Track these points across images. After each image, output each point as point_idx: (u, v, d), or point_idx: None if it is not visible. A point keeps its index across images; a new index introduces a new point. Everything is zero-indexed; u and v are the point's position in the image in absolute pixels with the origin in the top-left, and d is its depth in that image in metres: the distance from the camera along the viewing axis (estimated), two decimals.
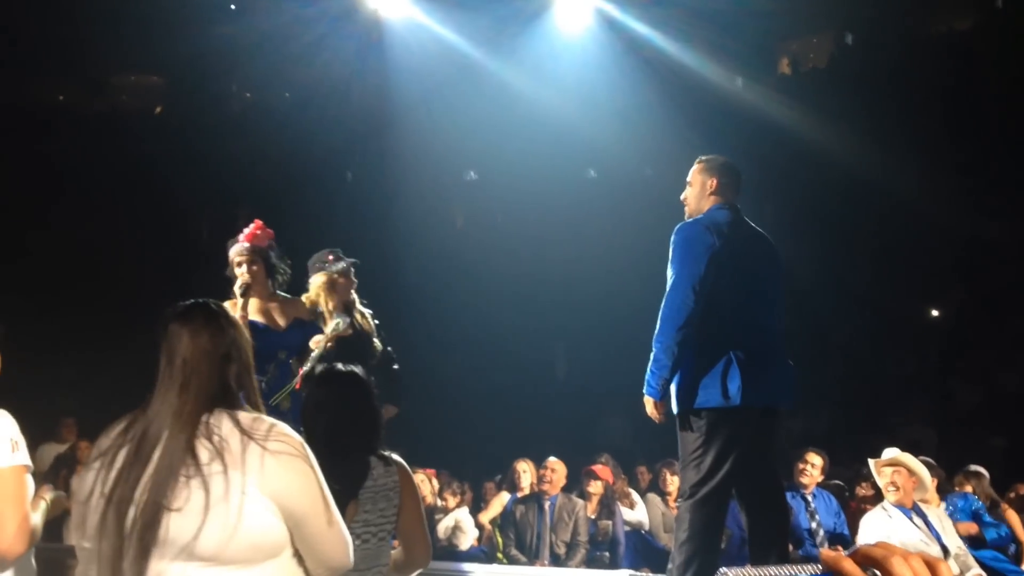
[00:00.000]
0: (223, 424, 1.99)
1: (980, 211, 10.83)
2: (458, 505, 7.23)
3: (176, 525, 1.90)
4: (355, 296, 4.73)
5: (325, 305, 4.52)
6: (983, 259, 11.68)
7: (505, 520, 6.82)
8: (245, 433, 1.97)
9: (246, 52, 12.47)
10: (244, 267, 4.32)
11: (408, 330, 10.25)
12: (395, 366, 4.82)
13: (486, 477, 8.22)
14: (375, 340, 4.70)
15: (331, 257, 4.69)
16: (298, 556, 2.04)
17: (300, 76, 13.59)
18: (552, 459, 6.72)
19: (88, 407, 7.91)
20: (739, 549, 5.41)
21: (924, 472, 5.22)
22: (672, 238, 3.85)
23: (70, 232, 12.20)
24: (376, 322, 4.78)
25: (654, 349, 3.80)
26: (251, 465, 1.93)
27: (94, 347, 10.59)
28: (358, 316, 4.67)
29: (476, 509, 7.41)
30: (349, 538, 2.12)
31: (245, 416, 2.02)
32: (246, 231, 4.40)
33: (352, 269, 4.70)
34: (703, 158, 4.15)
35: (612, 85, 11.58)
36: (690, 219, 3.99)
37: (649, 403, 3.83)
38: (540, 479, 6.67)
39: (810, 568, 0.81)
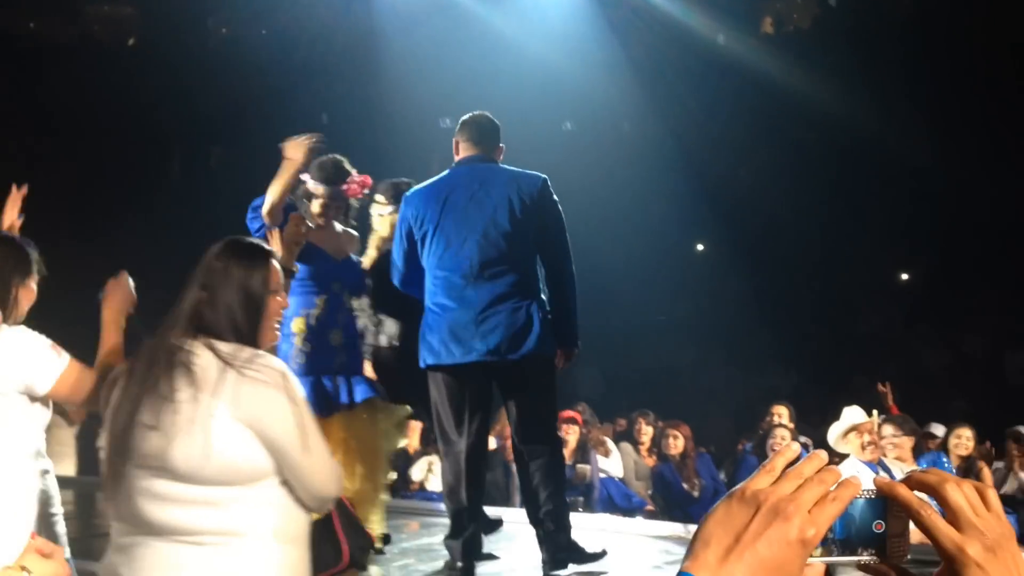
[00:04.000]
0: (204, 352, 2.03)
1: (956, 178, 10.90)
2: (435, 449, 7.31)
3: (151, 442, 1.98)
4: None
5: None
6: (956, 225, 11.80)
7: None
8: (224, 360, 2.01)
9: None
10: (325, 211, 4.16)
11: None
12: None
13: None
14: None
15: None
16: (288, 484, 2.07)
17: (280, 16, 13.36)
18: None
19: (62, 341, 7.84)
20: (711, 501, 5.50)
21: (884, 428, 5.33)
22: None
23: (36, 162, 11.99)
24: None
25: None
26: (225, 391, 1.98)
27: (61, 280, 10.47)
28: None
29: None
30: (334, 468, 2.15)
31: (226, 345, 2.06)
32: (354, 181, 4.22)
33: None
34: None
35: (597, 38, 11.49)
36: None
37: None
38: None
39: (866, 493, 0.83)
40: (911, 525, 0.84)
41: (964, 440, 6.51)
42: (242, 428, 1.98)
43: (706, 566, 0.78)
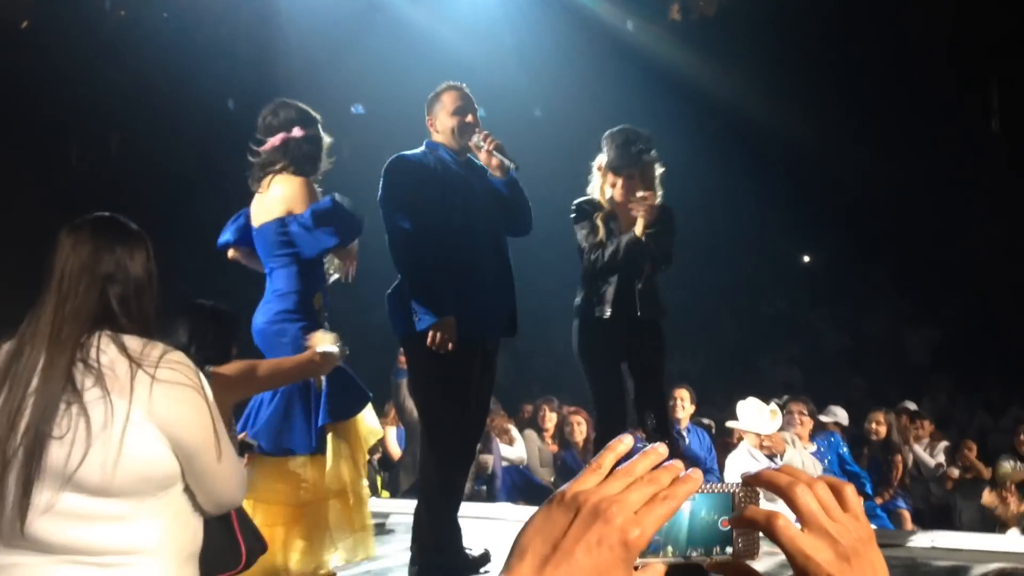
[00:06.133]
0: (108, 348, 1.86)
1: (862, 161, 11.22)
2: None
3: (58, 453, 1.79)
4: None
5: None
6: (858, 208, 12.17)
7: (385, 454, 6.86)
8: (133, 360, 1.84)
9: None
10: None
11: None
12: None
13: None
14: None
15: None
16: (189, 491, 1.94)
17: None
18: None
19: None
20: None
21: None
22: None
23: None
24: None
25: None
26: (138, 393, 1.82)
27: None
28: None
29: None
30: (242, 473, 2.06)
31: (134, 340, 1.89)
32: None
33: None
34: None
35: (508, 25, 11.48)
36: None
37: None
38: None
39: (710, 488, 0.78)
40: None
41: (877, 425, 6.76)
42: (156, 433, 1.83)
43: None
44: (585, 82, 11.70)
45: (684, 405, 6.60)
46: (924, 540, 4.87)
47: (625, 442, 0.79)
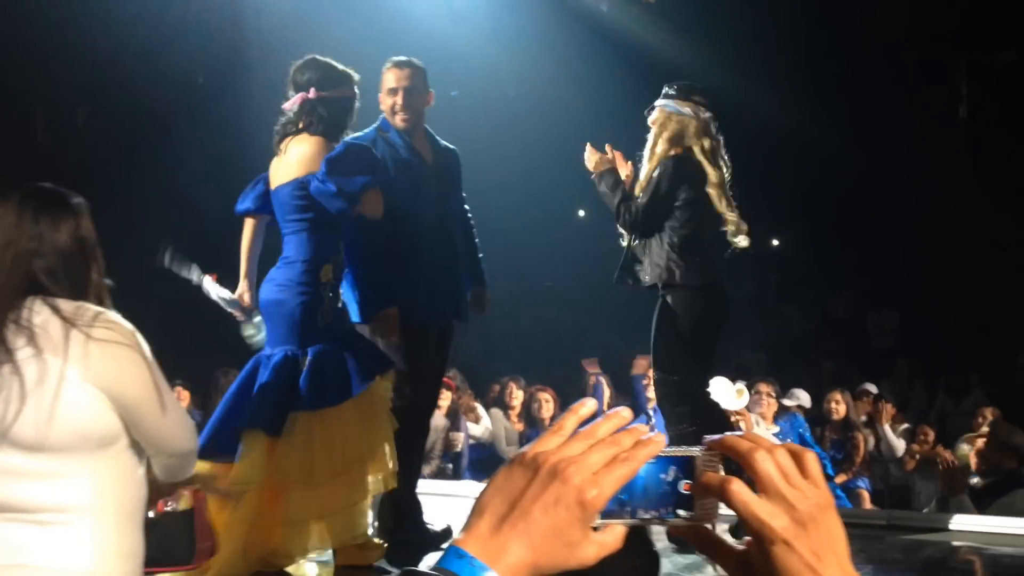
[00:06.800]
0: (41, 310, 1.87)
1: (830, 145, 11.30)
2: None
3: None
4: None
5: None
6: (826, 193, 12.27)
7: None
8: (67, 320, 1.86)
9: None
10: None
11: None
12: None
13: None
14: None
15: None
16: (136, 446, 1.96)
17: None
18: None
19: None
20: None
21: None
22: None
23: None
24: None
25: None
26: (73, 352, 1.83)
27: None
28: None
29: None
30: (190, 423, 2.06)
31: (66, 303, 1.90)
32: None
33: None
34: None
35: (483, 4, 11.43)
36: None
37: None
38: None
39: (672, 452, 0.79)
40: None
41: (835, 404, 6.87)
42: (94, 391, 1.85)
43: (478, 538, 0.73)
44: (560, 63, 11.70)
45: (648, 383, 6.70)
46: (881, 518, 4.98)
47: (588, 405, 0.80)
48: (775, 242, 13.82)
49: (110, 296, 2.06)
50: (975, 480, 4.88)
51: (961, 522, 4.62)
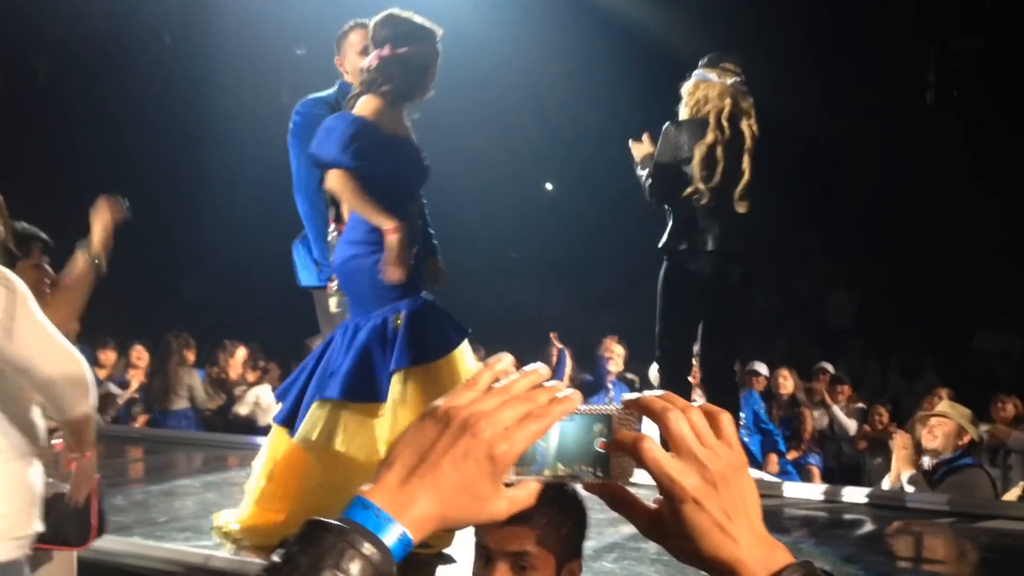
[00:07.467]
0: None
1: (796, 125, 11.37)
2: (258, 381, 7.30)
3: None
4: None
5: None
6: (790, 171, 12.36)
7: None
8: None
9: None
10: None
11: (218, 205, 9.97)
12: None
13: (294, 359, 8.23)
14: None
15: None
16: (22, 392, 2.01)
17: None
18: None
19: None
20: None
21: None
22: None
23: None
24: None
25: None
26: None
27: None
28: None
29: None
30: (85, 376, 2.09)
31: None
32: None
33: None
34: None
35: None
36: None
37: None
38: None
39: (587, 410, 0.79)
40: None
41: (783, 379, 7.00)
42: None
43: (386, 489, 0.73)
44: (532, 34, 11.66)
45: (618, 362, 6.78)
46: (831, 494, 5.08)
47: (504, 360, 0.80)
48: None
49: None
50: (926, 460, 4.99)
51: (913, 500, 4.73)
